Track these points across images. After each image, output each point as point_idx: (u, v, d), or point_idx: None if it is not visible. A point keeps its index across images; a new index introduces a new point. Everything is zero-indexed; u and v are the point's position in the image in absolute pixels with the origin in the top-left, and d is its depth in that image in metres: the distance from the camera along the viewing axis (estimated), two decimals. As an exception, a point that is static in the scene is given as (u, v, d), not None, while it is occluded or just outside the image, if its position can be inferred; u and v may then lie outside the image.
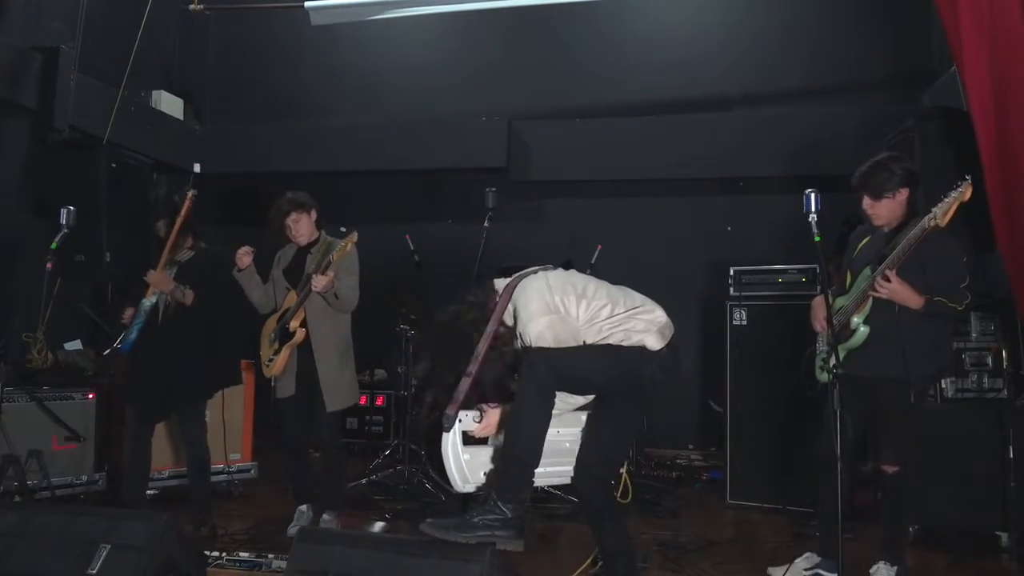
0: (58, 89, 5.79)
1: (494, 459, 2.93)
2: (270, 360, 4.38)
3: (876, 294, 3.44)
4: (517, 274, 3.03)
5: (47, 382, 4.98)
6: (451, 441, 2.86)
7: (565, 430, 3.00)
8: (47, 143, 5.91)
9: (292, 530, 4.25)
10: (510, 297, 2.94)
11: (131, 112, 6.65)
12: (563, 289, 2.94)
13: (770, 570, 3.76)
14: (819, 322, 3.69)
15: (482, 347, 2.85)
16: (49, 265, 4.13)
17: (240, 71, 8.13)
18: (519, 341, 2.93)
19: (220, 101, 8.16)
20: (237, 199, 7.72)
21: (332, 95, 7.87)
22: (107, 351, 4.47)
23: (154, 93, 7.33)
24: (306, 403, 4.32)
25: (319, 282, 4.09)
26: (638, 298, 3.05)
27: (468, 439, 2.92)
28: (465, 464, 2.87)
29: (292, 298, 4.34)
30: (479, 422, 2.92)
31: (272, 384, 4.44)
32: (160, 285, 4.24)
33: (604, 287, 3.05)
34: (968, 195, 3.25)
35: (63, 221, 4.15)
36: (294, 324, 4.27)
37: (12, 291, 5.65)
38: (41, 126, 5.86)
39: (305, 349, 4.31)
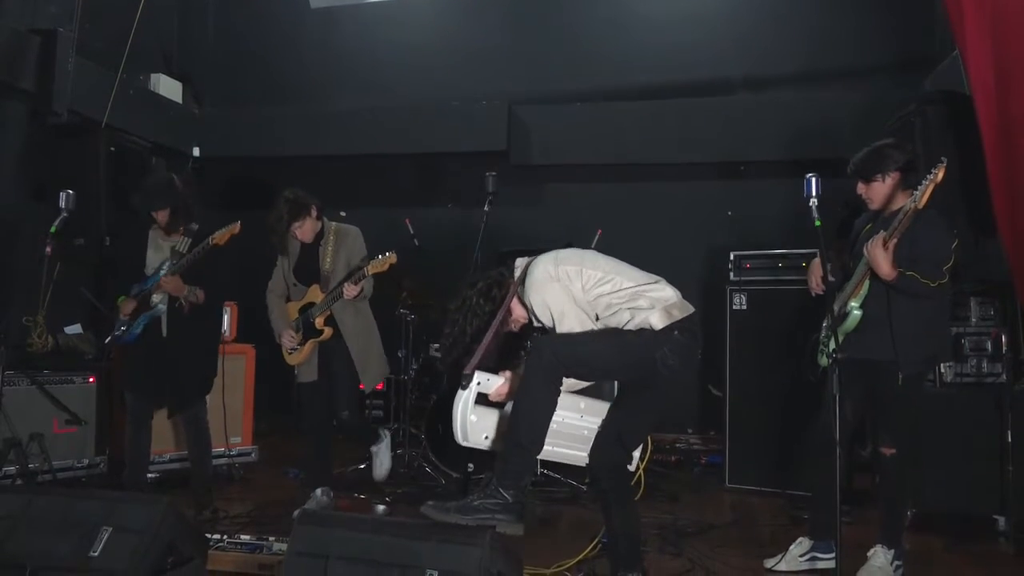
0: (56, 72, 5.75)
1: (499, 426, 2.96)
2: (293, 349, 4.54)
3: (867, 256, 3.45)
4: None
5: (47, 366, 4.98)
6: (464, 398, 2.91)
7: (589, 418, 3.02)
8: (46, 126, 5.88)
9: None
10: (524, 273, 3.04)
11: (130, 95, 6.62)
12: (568, 261, 3.01)
13: (766, 561, 3.77)
14: (815, 279, 3.69)
15: (497, 319, 2.97)
16: (48, 249, 4.14)
17: (239, 54, 8.07)
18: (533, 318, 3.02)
19: (219, 84, 8.12)
20: (236, 183, 7.72)
21: (332, 78, 7.83)
22: (108, 340, 4.47)
23: (152, 76, 7.30)
24: (327, 387, 4.52)
25: (351, 291, 4.30)
26: (648, 276, 3.06)
27: (484, 400, 2.97)
28: (470, 424, 2.92)
29: (315, 293, 4.47)
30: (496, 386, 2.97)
31: (295, 371, 4.61)
32: (175, 291, 4.24)
33: (613, 263, 3.09)
34: (941, 177, 3.23)
35: (62, 205, 4.14)
36: (320, 322, 4.43)
37: (12, 275, 5.65)
38: (39, 109, 5.82)
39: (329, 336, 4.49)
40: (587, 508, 4.67)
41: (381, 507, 4.73)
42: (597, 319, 2.97)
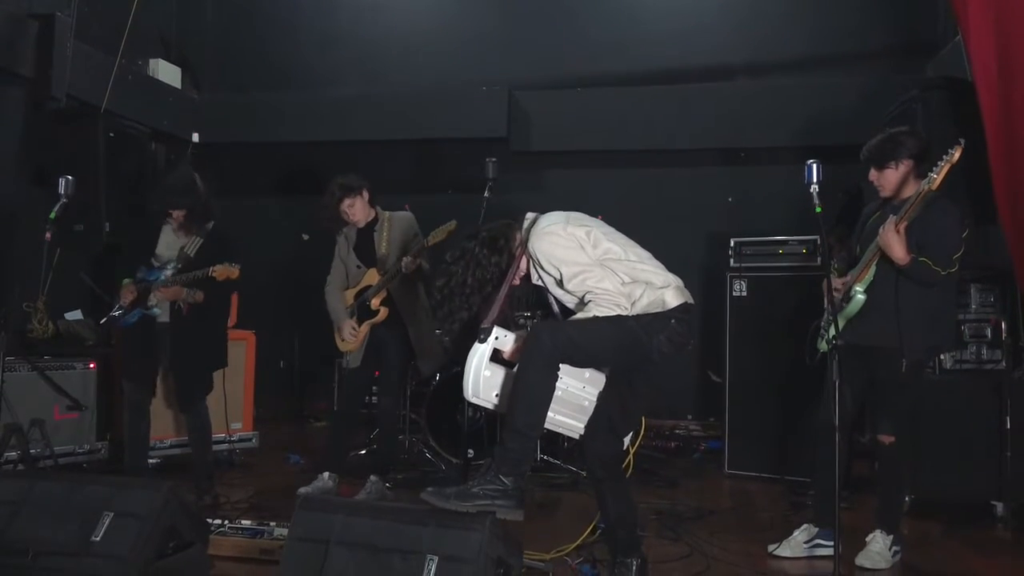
0: (55, 57, 5.71)
1: (504, 386, 2.90)
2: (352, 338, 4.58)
3: (880, 240, 3.44)
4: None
5: (48, 352, 4.99)
6: (480, 352, 2.87)
7: (591, 388, 3.01)
8: (44, 112, 5.86)
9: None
10: (532, 223, 3.06)
11: (128, 81, 6.59)
12: (580, 221, 3.04)
13: (769, 547, 3.77)
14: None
15: (511, 272, 2.98)
16: (48, 235, 4.12)
17: (238, 40, 8.02)
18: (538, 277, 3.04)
19: (218, 70, 8.07)
20: (235, 168, 7.69)
21: (331, 64, 7.79)
22: (104, 320, 4.48)
23: (151, 62, 7.26)
24: (370, 375, 4.62)
25: (410, 265, 4.34)
26: (655, 261, 3.06)
27: (497, 358, 2.92)
28: (483, 379, 2.88)
29: (372, 276, 4.53)
30: (513, 344, 2.94)
31: (344, 357, 4.70)
32: (174, 297, 4.24)
33: (623, 237, 3.09)
34: (957, 157, 3.23)
35: (61, 191, 4.12)
36: (376, 302, 4.49)
37: (12, 261, 5.64)
38: (38, 95, 5.79)
39: (383, 322, 4.52)
40: (586, 494, 4.67)
41: (381, 493, 4.75)
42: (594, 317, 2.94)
